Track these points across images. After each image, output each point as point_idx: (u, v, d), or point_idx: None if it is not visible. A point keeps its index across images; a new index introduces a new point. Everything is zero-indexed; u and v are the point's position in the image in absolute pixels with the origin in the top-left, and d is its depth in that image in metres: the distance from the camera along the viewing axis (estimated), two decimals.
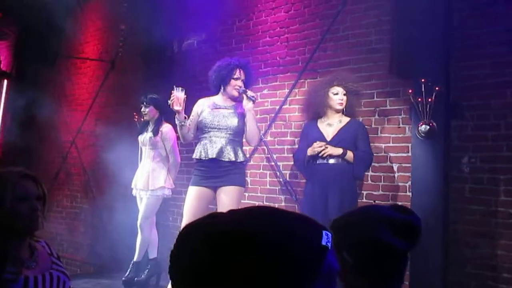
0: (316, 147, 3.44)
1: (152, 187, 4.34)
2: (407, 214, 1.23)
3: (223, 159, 3.44)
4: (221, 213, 0.76)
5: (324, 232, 0.74)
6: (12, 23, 6.29)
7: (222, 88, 3.58)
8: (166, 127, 4.42)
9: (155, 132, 4.38)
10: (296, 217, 0.76)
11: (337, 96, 3.54)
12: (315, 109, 3.64)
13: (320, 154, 3.43)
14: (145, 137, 4.45)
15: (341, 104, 3.54)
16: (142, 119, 4.53)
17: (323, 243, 0.72)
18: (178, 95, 3.48)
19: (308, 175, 3.61)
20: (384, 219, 1.17)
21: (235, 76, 3.52)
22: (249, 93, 3.48)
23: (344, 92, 3.55)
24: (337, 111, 3.56)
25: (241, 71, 3.54)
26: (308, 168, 3.56)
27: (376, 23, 3.90)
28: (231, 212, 0.76)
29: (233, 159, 3.45)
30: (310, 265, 0.70)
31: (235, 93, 3.53)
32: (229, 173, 3.45)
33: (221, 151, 3.44)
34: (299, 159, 3.64)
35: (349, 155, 3.44)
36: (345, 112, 3.58)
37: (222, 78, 3.55)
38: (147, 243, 4.42)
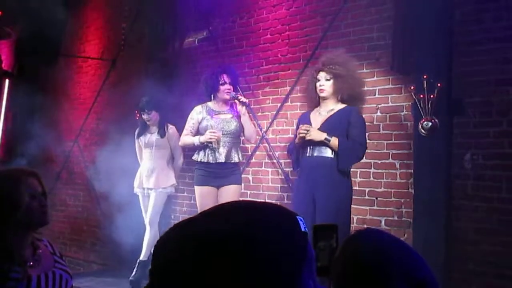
0: (300, 130, 3.17)
1: (163, 185, 4.48)
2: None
3: (229, 162, 3.77)
4: (197, 216, 0.74)
5: (298, 218, 0.74)
6: (13, 22, 6.28)
7: (213, 96, 3.89)
8: (171, 128, 4.58)
9: (162, 134, 4.54)
10: (274, 209, 0.75)
11: (319, 83, 3.26)
12: (309, 99, 3.47)
13: (302, 137, 3.16)
14: (149, 139, 4.56)
15: (322, 90, 3.24)
16: (145, 122, 4.58)
17: (302, 229, 0.73)
18: (220, 136, 3.74)
19: (298, 168, 3.39)
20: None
21: (221, 82, 3.83)
22: (241, 98, 3.80)
23: (328, 77, 3.23)
24: (324, 99, 3.28)
25: (225, 76, 3.84)
26: (298, 161, 3.34)
27: (377, 20, 3.88)
28: (203, 214, 0.73)
29: (237, 160, 3.80)
30: (299, 254, 0.70)
31: (227, 97, 3.85)
32: (232, 174, 3.79)
33: (228, 155, 3.75)
34: (289, 149, 3.50)
35: (334, 142, 3.11)
36: (341, 98, 3.27)
37: (212, 87, 3.86)
38: (155, 240, 4.43)
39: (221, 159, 3.73)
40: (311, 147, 3.20)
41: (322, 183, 3.11)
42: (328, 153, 3.15)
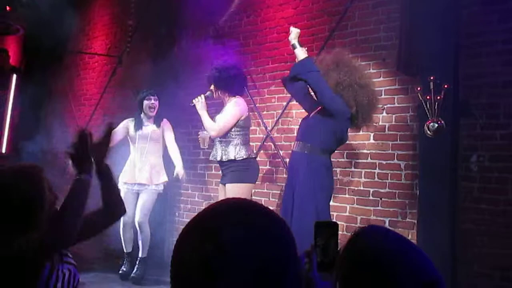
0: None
1: (156, 181, 4.35)
2: None
3: (221, 160, 3.80)
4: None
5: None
6: (21, 18, 6.31)
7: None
8: (164, 119, 4.48)
9: (158, 124, 4.43)
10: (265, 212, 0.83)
11: None
12: None
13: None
14: (144, 131, 4.39)
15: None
16: (149, 113, 4.41)
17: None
18: (203, 136, 3.90)
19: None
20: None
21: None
22: (195, 100, 3.85)
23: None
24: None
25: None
26: None
27: (384, 20, 3.87)
28: (197, 226, 0.80)
29: (232, 157, 3.74)
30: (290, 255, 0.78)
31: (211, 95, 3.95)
32: (231, 171, 3.76)
33: (216, 153, 3.83)
34: None
35: (298, 51, 3.42)
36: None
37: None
38: (149, 237, 4.41)
39: (215, 156, 3.84)
40: (297, 142, 3.36)
41: (296, 176, 3.25)
42: (304, 148, 3.28)
